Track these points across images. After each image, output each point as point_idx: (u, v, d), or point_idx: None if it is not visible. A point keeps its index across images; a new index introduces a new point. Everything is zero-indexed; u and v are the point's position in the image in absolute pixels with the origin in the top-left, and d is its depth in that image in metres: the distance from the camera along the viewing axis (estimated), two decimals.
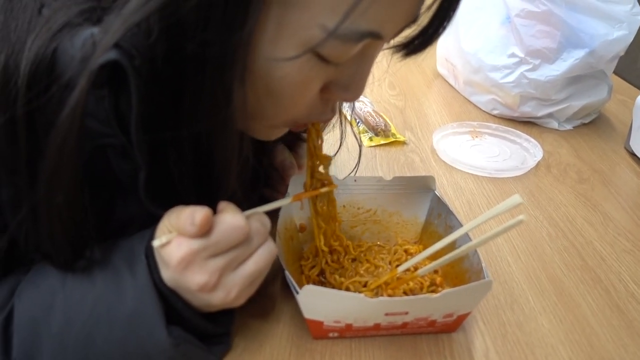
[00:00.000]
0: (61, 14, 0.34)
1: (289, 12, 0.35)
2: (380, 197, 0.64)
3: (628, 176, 0.88)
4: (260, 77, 0.39)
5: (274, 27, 0.36)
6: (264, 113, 0.43)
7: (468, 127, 1.00)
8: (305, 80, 0.41)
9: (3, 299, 0.42)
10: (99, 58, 0.33)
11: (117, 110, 0.39)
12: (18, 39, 0.34)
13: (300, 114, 0.45)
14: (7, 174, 0.38)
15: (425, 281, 0.58)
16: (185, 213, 0.40)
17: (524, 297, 0.59)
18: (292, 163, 0.65)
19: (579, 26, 0.93)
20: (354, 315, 0.47)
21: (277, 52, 0.37)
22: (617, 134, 1.02)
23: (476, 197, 0.79)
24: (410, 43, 0.44)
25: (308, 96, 0.42)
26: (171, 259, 0.40)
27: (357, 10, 0.35)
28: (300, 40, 0.37)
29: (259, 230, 0.43)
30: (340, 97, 0.45)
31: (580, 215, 0.76)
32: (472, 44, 1.06)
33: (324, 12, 0.35)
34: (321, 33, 0.36)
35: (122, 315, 0.41)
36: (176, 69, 0.36)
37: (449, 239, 0.50)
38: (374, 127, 0.95)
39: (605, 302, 0.60)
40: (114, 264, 0.43)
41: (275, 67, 0.38)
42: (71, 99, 0.33)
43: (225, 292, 0.42)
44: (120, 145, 0.41)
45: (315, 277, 0.58)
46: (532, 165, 0.88)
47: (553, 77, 0.96)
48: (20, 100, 0.34)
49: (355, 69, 0.43)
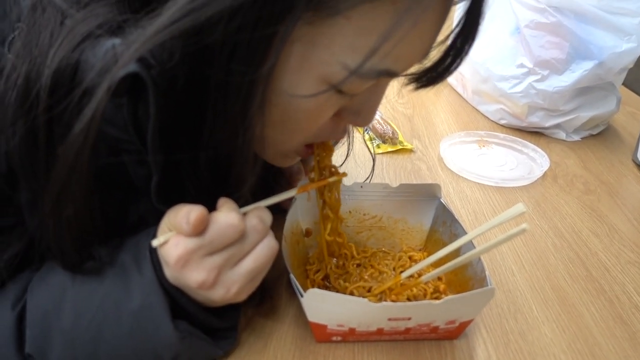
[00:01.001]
0: (83, 25, 0.35)
1: (311, 49, 0.37)
2: (386, 203, 0.65)
3: (635, 188, 0.88)
4: (278, 107, 0.40)
5: (295, 64, 0.37)
6: (275, 138, 0.44)
7: (475, 136, 1.00)
8: (321, 110, 0.42)
9: (17, 295, 0.43)
10: (120, 70, 0.34)
11: (135, 118, 0.40)
12: (41, 49, 0.35)
13: (309, 137, 0.46)
14: (26, 179, 0.39)
15: (429, 288, 0.58)
16: (181, 212, 0.40)
17: (527, 306, 0.60)
18: (300, 168, 0.66)
19: (588, 38, 0.93)
20: (357, 319, 0.48)
21: (297, 88, 0.39)
22: (625, 146, 1.02)
23: (482, 206, 0.80)
24: (422, 77, 0.45)
25: (320, 123, 0.44)
26: (169, 258, 0.41)
27: (377, 52, 0.36)
28: (320, 76, 0.38)
29: (256, 227, 0.43)
30: (351, 121, 0.47)
31: (586, 226, 0.76)
32: (481, 53, 1.07)
33: (344, 52, 0.37)
34: (341, 70, 0.37)
35: (130, 310, 0.42)
36: (196, 91, 0.37)
37: (453, 247, 0.51)
38: (381, 134, 0.96)
39: (608, 312, 0.60)
40: (122, 260, 0.44)
41: (294, 100, 0.39)
42: (89, 107, 0.34)
43: (225, 289, 0.42)
44: (136, 151, 0.42)
45: (320, 281, 0.59)
46: (539, 175, 0.88)
47: (561, 88, 0.96)
48: (41, 107, 0.35)
49: (368, 98, 0.44)
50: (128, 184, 0.45)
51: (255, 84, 0.36)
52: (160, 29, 0.33)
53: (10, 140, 0.37)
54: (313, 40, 0.36)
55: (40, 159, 0.38)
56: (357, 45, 0.36)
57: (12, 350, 0.42)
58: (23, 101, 0.36)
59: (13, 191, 0.41)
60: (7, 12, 0.37)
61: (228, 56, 0.35)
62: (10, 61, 0.36)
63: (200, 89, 0.37)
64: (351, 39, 0.36)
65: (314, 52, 0.37)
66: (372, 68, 0.38)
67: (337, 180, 0.55)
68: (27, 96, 0.35)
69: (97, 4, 0.36)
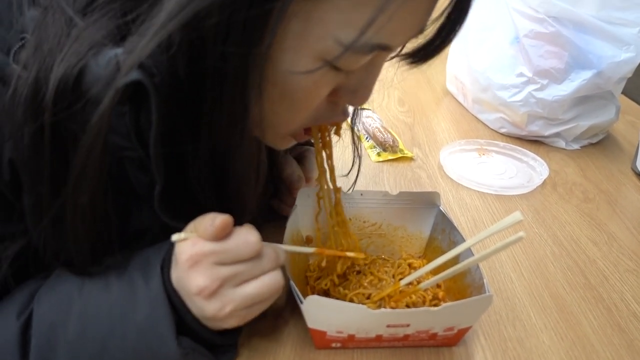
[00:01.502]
0: (88, 36, 0.36)
1: (306, 26, 0.37)
2: (386, 211, 0.65)
3: (634, 196, 0.88)
4: (276, 86, 0.40)
5: (292, 41, 0.38)
6: (274, 119, 0.45)
7: (475, 144, 1.01)
8: (317, 87, 0.42)
9: (23, 303, 0.44)
10: (123, 78, 0.35)
11: (137, 125, 0.41)
12: (46, 59, 0.36)
13: (308, 118, 0.46)
14: (30, 181, 0.40)
15: (428, 295, 0.59)
16: (209, 216, 0.42)
17: (525, 314, 0.60)
18: (300, 176, 0.67)
19: (586, 47, 0.94)
20: (357, 325, 0.49)
21: (294, 65, 0.39)
22: (624, 155, 1.03)
23: (481, 213, 0.80)
24: (417, 53, 0.46)
25: (317, 101, 0.44)
26: (182, 254, 0.42)
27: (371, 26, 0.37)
28: (314, 52, 0.38)
29: (271, 256, 0.44)
30: (347, 100, 0.47)
31: (585, 235, 0.76)
32: (481, 62, 1.08)
33: (338, 26, 0.37)
34: (335, 45, 0.38)
35: (135, 324, 0.43)
36: (195, 81, 0.38)
37: (452, 254, 0.51)
38: (382, 142, 0.97)
39: (606, 320, 0.60)
40: (130, 274, 0.44)
41: (291, 78, 0.40)
42: (96, 115, 0.35)
43: (220, 304, 0.42)
44: (138, 158, 0.43)
45: (319, 288, 0.59)
46: (538, 183, 0.89)
47: (560, 97, 0.97)
48: (47, 113, 0.36)
49: (364, 76, 0.44)
50: (130, 192, 0.45)
51: (253, 64, 0.37)
52: (159, 29, 0.34)
53: (16, 147, 0.38)
54: (308, 16, 0.36)
55: (45, 164, 0.38)
56: (351, 20, 0.37)
57: (16, 358, 0.42)
58: (29, 109, 0.36)
59: (16, 198, 0.41)
60: (13, 23, 0.38)
61: (224, 38, 0.35)
62: (16, 71, 0.37)
63: (198, 78, 0.38)
64: (345, 13, 0.36)
65: (309, 28, 0.37)
66: (366, 42, 0.38)
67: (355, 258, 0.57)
68: (33, 105, 0.36)
69: (100, 13, 0.37)
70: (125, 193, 0.46)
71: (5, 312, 0.44)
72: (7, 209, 0.42)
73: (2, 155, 0.39)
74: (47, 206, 0.40)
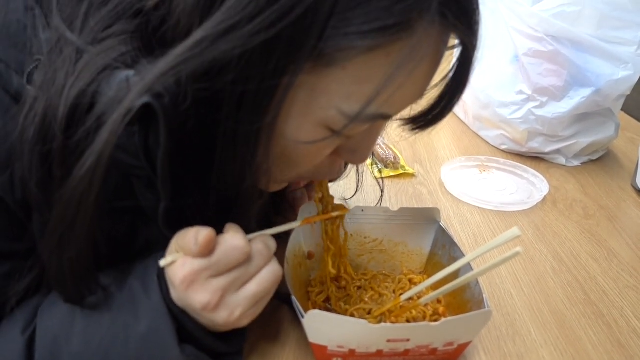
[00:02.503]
0: (100, 58, 0.37)
1: (311, 96, 0.39)
2: (387, 227, 0.66)
3: (634, 213, 0.89)
4: (279, 148, 0.42)
5: (296, 109, 0.39)
6: (273, 172, 0.45)
7: (476, 161, 1.02)
8: (319, 150, 0.44)
9: (27, 319, 0.45)
10: (134, 101, 0.35)
11: (146, 145, 0.42)
12: (59, 81, 0.37)
13: (308, 174, 0.48)
14: (39, 208, 0.41)
15: (428, 310, 0.59)
16: (190, 233, 0.42)
17: (525, 329, 0.61)
18: (303, 194, 0.68)
19: (585, 66, 0.95)
20: (357, 340, 0.49)
21: (298, 131, 0.41)
22: (624, 171, 1.04)
23: (482, 229, 0.81)
24: (417, 120, 0.47)
25: (318, 161, 0.46)
26: (175, 278, 0.42)
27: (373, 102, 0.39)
28: (318, 121, 0.40)
29: (262, 252, 0.45)
30: (347, 159, 0.49)
31: (585, 251, 0.77)
32: (482, 80, 1.09)
33: (341, 99, 0.39)
34: (338, 116, 0.39)
35: (137, 334, 0.43)
36: (205, 132, 0.39)
37: (451, 269, 0.52)
38: (383, 159, 0.98)
39: (606, 336, 0.60)
40: (130, 285, 0.45)
41: (295, 142, 0.41)
42: (101, 137, 0.36)
43: (229, 312, 0.43)
44: (146, 176, 0.44)
45: (321, 303, 0.60)
46: (539, 199, 0.90)
47: (560, 114, 0.98)
48: (58, 137, 0.37)
49: (363, 138, 0.46)
50: (136, 209, 0.46)
51: (262, 130, 0.38)
52: (169, 67, 0.34)
53: (26, 169, 0.39)
54: (313, 87, 0.38)
55: (54, 188, 0.39)
56: (353, 93, 0.38)
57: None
58: (42, 130, 0.37)
59: (27, 217, 0.42)
60: (27, 45, 0.39)
61: (236, 105, 0.37)
62: (30, 92, 0.38)
63: (209, 131, 0.39)
64: (347, 87, 0.38)
65: (314, 99, 0.39)
66: (367, 114, 0.39)
67: (340, 215, 0.57)
68: (45, 127, 0.37)
69: (112, 40, 0.38)
70: (131, 210, 0.46)
71: (11, 327, 0.44)
72: (18, 227, 0.43)
73: (14, 173, 0.40)
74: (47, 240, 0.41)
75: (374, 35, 0.35)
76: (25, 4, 0.40)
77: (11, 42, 0.39)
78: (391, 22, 0.35)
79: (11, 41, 0.39)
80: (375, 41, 0.35)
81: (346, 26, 0.34)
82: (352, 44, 0.35)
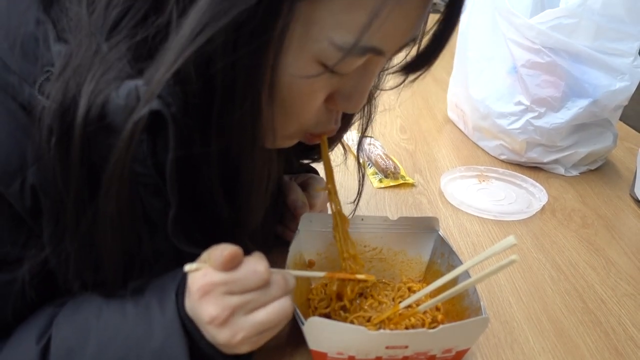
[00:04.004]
0: (109, 70, 0.38)
1: (306, 29, 0.39)
2: (386, 236, 0.67)
3: (632, 222, 0.90)
4: (280, 90, 0.42)
5: (293, 44, 0.40)
6: (275, 123, 0.45)
7: (475, 171, 1.03)
8: (314, 90, 0.44)
9: (42, 328, 0.45)
10: (145, 107, 0.37)
11: (154, 152, 0.43)
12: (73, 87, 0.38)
13: (307, 122, 0.48)
14: (52, 207, 0.42)
15: (427, 318, 0.60)
16: (220, 246, 0.44)
17: (523, 337, 0.61)
18: (304, 202, 0.69)
19: (582, 77, 0.97)
20: (356, 347, 0.50)
21: (294, 68, 0.41)
22: (622, 181, 1.05)
23: (481, 238, 0.82)
24: (410, 64, 0.48)
25: (315, 105, 0.46)
26: (193, 285, 0.44)
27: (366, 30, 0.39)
28: (311, 55, 0.41)
29: (280, 283, 0.46)
30: (342, 106, 0.49)
31: (583, 259, 0.78)
32: (481, 91, 1.10)
33: (332, 29, 0.39)
34: (330, 48, 0.40)
35: (151, 349, 0.44)
36: (207, 93, 0.40)
37: (449, 277, 0.53)
38: (383, 169, 0.99)
39: (604, 344, 0.61)
40: (146, 300, 0.46)
41: (291, 81, 0.42)
42: (119, 142, 0.37)
43: (232, 332, 0.44)
44: (153, 184, 0.44)
45: (322, 311, 0.61)
46: (537, 209, 0.90)
47: (558, 124, 0.99)
48: (74, 147, 0.38)
49: (357, 81, 0.46)
50: (143, 217, 0.47)
51: (263, 70, 0.39)
52: (175, 58, 0.36)
53: (38, 173, 0.40)
54: (306, 19, 0.39)
55: (70, 191, 0.40)
56: (344, 22, 0.39)
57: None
58: (53, 139, 0.39)
59: (35, 224, 0.43)
60: (38, 57, 0.41)
61: (232, 51, 0.37)
62: (41, 102, 0.39)
63: (210, 90, 0.40)
64: (338, 15, 0.38)
65: (307, 31, 0.39)
66: (359, 45, 0.40)
67: (364, 280, 0.59)
68: (58, 134, 0.39)
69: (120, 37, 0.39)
70: (138, 220, 0.47)
71: (26, 336, 0.45)
72: (26, 234, 0.44)
73: (25, 181, 0.41)
74: (71, 232, 0.42)
75: None
76: (36, 17, 0.41)
77: (23, 54, 0.40)
78: None
79: (23, 54, 0.40)
80: None
81: None
82: None
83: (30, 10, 0.41)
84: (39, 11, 0.41)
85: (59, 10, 0.41)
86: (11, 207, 0.42)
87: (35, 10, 0.41)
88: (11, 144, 0.41)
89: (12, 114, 0.41)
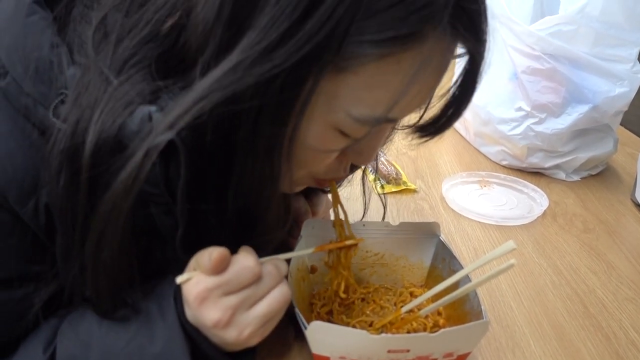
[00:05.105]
0: (123, 95, 0.39)
1: (324, 101, 0.40)
2: (388, 241, 0.68)
3: (633, 227, 0.90)
4: (297, 152, 0.43)
5: (312, 114, 0.41)
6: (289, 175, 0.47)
7: (477, 176, 1.04)
8: (329, 150, 0.46)
9: (48, 339, 0.46)
10: (159, 137, 0.37)
11: (166, 174, 0.43)
12: (87, 111, 0.39)
13: (318, 172, 0.50)
14: (63, 229, 0.43)
15: (429, 322, 0.60)
16: (206, 252, 0.44)
17: (525, 341, 0.62)
18: (307, 210, 0.69)
19: (582, 83, 0.97)
20: (358, 351, 0.50)
21: (314, 134, 0.42)
22: (623, 186, 1.05)
23: (482, 244, 0.82)
24: (424, 129, 0.50)
25: (328, 161, 0.48)
26: (189, 295, 0.44)
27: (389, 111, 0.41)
28: (329, 123, 0.42)
29: (272, 273, 0.47)
30: (354, 160, 0.51)
31: (584, 264, 0.78)
32: (482, 97, 1.11)
33: (351, 103, 0.41)
34: (347, 119, 0.41)
35: (153, 354, 0.45)
36: (224, 148, 0.41)
37: (450, 281, 0.53)
38: (385, 175, 1.00)
39: (605, 348, 0.61)
40: (147, 306, 0.47)
41: (309, 144, 0.43)
42: (129, 168, 0.38)
43: (239, 330, 0.45)
44: (165, 203, 0.45)
45: (324, 315, 0.61)
46: (539, 214, 0.91)
47: (559, 130, 1.00)
48: (84, 168, 0.39)
49: (369, 139, 0.48)
50: (153, 232, 0.47)
51: (284, 138, 0.40)
52: (198, 99, 0.36)
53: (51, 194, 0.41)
54: (327, 92, 0.40)
55: (79, 212, 0.41)
56: (364, 98, 0.40)
57: None
58: (66, 160, 0.39)
59: (50, 241, 0.44)
60: (52, 80, 0.41)
61: (256, 118, 0.38)
62: (55, 124, 0.40)
63: (227, 146, 0.41)
64: (358, 92, 0.40)
65: (327, 103, 0.40)
66: (375, 117, 0.41)
67: (354, 244, 0.59)
68: (70, 157, 0.39)
69: (134, 70, 0.40)
70: (148, 233, 0.47)
71: (33, 347, 0.46)
72: (41, 251, 0.45)
73: (39, 200, 0.42)
74: (77, 252, 0.42)
75: (387, 43, 0.37)
76: (50, 41, 0.41)
77: (38, 77, 0.41)
78: (404, 32, 0.36)
79: (38, 77, 0.41)
80: (388, 49, 0.37)
81: (361, 34, 0.36)
82: (365, 52, 0.37)
83: (45, 34, 0.42)
84: (54, 35, 0.42)
85: (73, 32, 0.42)
86: (27, 226, 0.43)
87: (50, 35, 0.42)
88: (26, 165, 0.42)
89: (27, 135, 0.42)
